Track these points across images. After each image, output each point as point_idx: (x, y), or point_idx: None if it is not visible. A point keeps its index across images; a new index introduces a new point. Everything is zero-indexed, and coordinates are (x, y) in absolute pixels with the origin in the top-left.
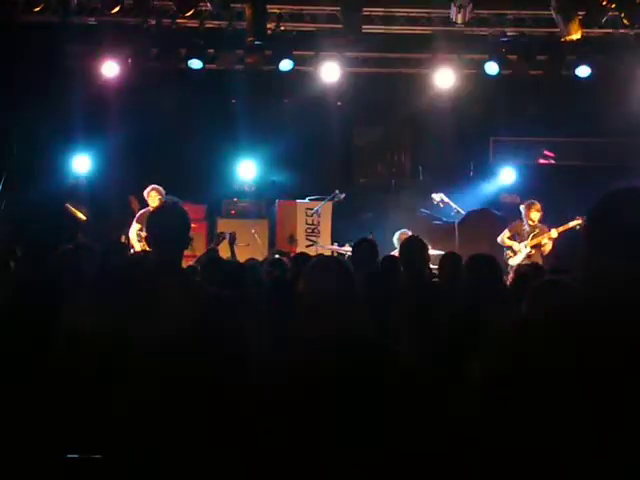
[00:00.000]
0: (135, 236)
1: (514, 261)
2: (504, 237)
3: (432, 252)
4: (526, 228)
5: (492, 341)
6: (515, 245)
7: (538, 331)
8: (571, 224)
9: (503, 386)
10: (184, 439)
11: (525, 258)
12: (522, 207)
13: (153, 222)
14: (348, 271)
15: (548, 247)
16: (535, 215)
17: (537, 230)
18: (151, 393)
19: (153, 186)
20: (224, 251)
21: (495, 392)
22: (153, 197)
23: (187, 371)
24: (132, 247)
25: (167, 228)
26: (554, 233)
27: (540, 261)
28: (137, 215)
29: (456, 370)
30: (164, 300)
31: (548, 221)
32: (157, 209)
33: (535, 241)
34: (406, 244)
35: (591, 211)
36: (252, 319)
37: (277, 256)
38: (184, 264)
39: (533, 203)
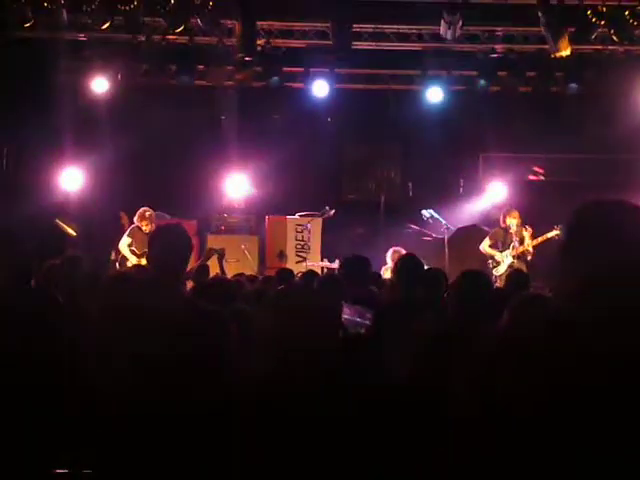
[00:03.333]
0: (127, 250)
1: (498, 271)
2: (485, 245)
3: None
4: (505, 234)
5: (476, 358)
6: (497, 255)
7: (524, 348)
8: (549, 235)
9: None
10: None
11: (508, 267)
12: (501, 214)
13: (155, 242)
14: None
15: (530, 255)
16: (512, 221)
17: (517, 237)
18: (136, 409)
19: (144, 212)
20: (213, 267)
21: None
22: (144, 224)
23: (176, 389)
24: (124, 260)
25: (169, 250)
26: (534, 242)
27: (524, 268)
28: (129, 228)
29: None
30: (156, 317)
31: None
32: (160, 230)
33: (516, 251)
34: (401, 262)
35: (569, 222)
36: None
37: None
38: None
39: (510, 209)
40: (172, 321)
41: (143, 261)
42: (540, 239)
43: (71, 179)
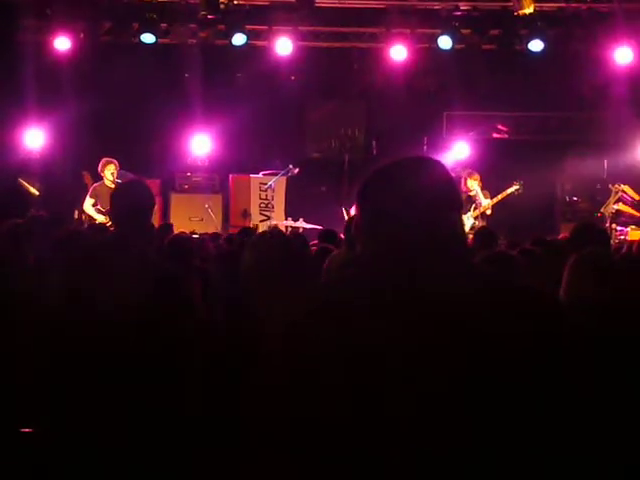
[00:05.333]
0: (92, 209)
1: None
2: None
3: None
4: (465, 197)
5: None
6: None
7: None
8: (509, 190)
9: None
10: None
11: (470, 229)
12: (462, 177)
13: (117, 199)
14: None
15: (489, 211)
16: (472, 184)
17: (477, 200)
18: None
19: (107, 159)
20: (177, 227)
21: None
22: (109, 170)
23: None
24: (91, 220)
25: (131, 206)
26: (494, 200)
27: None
28: (90, 189)
29: None
30: (115, 276)
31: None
32: (122, 186)
33: (477, 212)
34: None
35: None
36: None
37: None
38: None
39: (472, 173)
40: (132, 284)
41: None
42: (500, 196)
43: (34, 138)
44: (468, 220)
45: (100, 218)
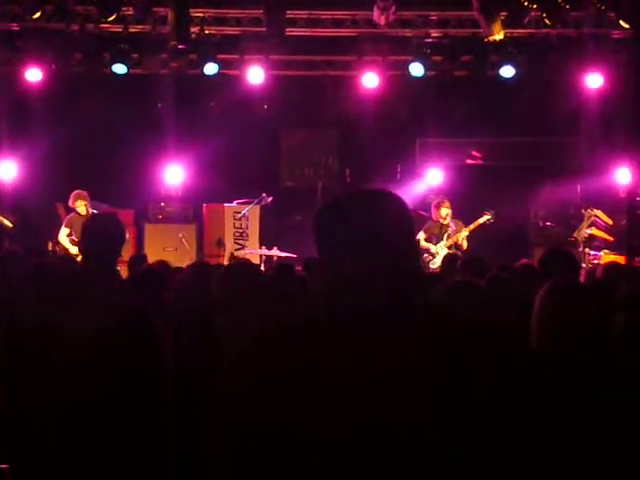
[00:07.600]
0: (66, 240)
1: (435, 263)
2: (420, 239)
3: None
4: (439, 227)
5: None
6: (432, 247)
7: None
8: (480, 220)
9: None
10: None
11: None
12: (432, 207)
13: (85, 232)
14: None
15: (465, 244)
16: (444, 211)
17: (450, 228)
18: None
19: (77, 192)
20: (151, 256)
21: None
22: (79, 204)
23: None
24: (65, 250)
25: (101, 239)
26: (465, 232)
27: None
28: (65, 219)
29: None
30: (80, 310)
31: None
32: (92, 219)
33: (450, 241)
34: None
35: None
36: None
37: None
38: None
39: (441, 200)
40: (95, 318)
41: None
42: (472, 226)
43: (6, 170)
44: (442, 250)
45: (73, 250)
